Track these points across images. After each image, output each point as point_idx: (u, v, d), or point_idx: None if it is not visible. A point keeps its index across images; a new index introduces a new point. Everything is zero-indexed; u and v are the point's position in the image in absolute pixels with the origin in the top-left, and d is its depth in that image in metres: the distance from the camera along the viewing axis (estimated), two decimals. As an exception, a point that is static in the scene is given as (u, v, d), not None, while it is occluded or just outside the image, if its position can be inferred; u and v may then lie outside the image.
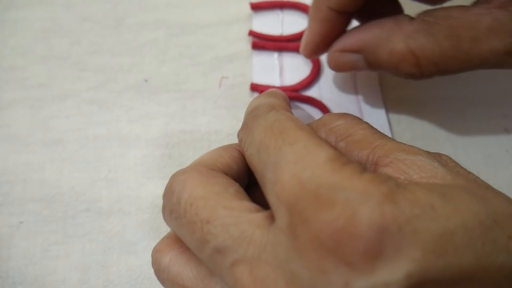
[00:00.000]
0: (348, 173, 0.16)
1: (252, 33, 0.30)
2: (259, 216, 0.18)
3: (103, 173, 0.28)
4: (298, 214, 0.16)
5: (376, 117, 0.28)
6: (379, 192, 0.16)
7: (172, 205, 0.20)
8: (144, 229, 0.27)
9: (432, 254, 0.15)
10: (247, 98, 0.29)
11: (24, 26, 0.32)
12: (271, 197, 0.18)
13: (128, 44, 0.31)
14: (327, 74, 0.30)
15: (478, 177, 0.19)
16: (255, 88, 0.29)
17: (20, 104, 0.30)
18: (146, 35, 0.31)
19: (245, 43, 0.31)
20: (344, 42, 0.25)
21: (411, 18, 0.23)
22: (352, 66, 0.25)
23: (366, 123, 0.22)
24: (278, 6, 0.31)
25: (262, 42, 0.30)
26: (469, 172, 0.19)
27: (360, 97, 0.29)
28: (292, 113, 0.23)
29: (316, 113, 0.29)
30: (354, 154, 0.20)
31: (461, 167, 0.20)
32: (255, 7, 0.31)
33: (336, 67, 0.26)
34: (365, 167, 0.20)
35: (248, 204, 0.19)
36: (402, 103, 0.30)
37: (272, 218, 0.18)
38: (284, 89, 0.29)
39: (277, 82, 0.29)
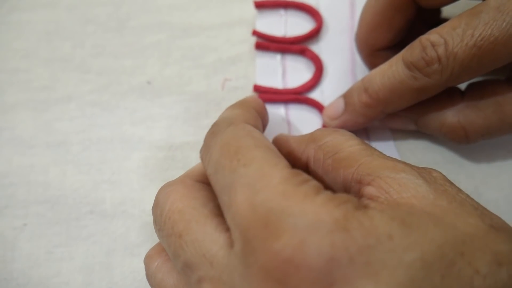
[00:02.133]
0: (301, 196, 0.16)
1: (255, 33, 0.30)
2: (226, 236, 0.18)
3: (107, 175, 0.28)
4: (248, 242, 0.16)
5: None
6: (331, 218, 0.15)
7: (156, 217, 0.21)
8: (147, 231, 0.27)
9: (384, 287, 0.14)
10: (250, 100, 0.29)
11: (27, 29, 0.32)
12: (228, 220, 0.17)
13: (131, 47, 0.31)
14: (330, 77, 0.29)
15: (468, 197, 0.18)
16: (258, 90, 0.29)
17: (23, 107, 0.30)
18: (149, 38, 0.31)
19: (248, 45, 0.31)
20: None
21: (462, 92, 0.25)
22: (401, 126, 0.27)
23: (357, 139, 0.21)
24: (282, 6, 0.31)
25: (266, 43, 0.30)
26: (459, 191, 0.18)
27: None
28: (260, 123, 0.23)
29: (318, 116, 0.29)
30: (339, 172, 0.20)
31: (452, 185, 0.19)
32: (259, 6, 0.31)
33: (387, 124, 0.27)
34: (350, 186, 0.19)
35: (221, 222, 0.19)
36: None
37: None
38: (287, 91, 0.29)
39: (279, 85, 0.29)
